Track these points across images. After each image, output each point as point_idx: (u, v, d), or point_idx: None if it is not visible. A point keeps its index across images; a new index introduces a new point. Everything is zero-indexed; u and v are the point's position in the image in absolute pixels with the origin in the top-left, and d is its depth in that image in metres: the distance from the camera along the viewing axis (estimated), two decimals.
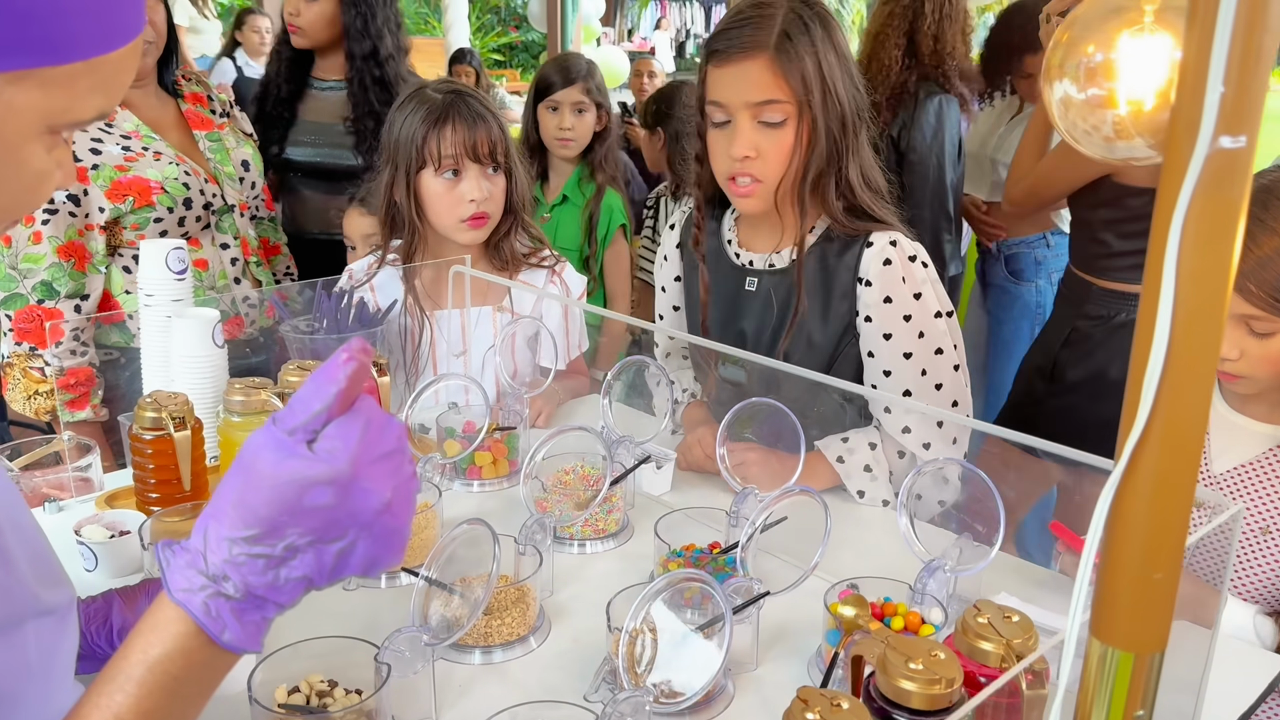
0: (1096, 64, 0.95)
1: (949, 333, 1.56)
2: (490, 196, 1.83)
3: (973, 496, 1.21)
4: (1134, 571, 0.67)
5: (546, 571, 1.23)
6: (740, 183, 1.52)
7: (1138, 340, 0.64)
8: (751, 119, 1.49)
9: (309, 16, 2.49)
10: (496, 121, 1.82)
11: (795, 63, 1.46)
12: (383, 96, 2.47)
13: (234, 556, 0.69)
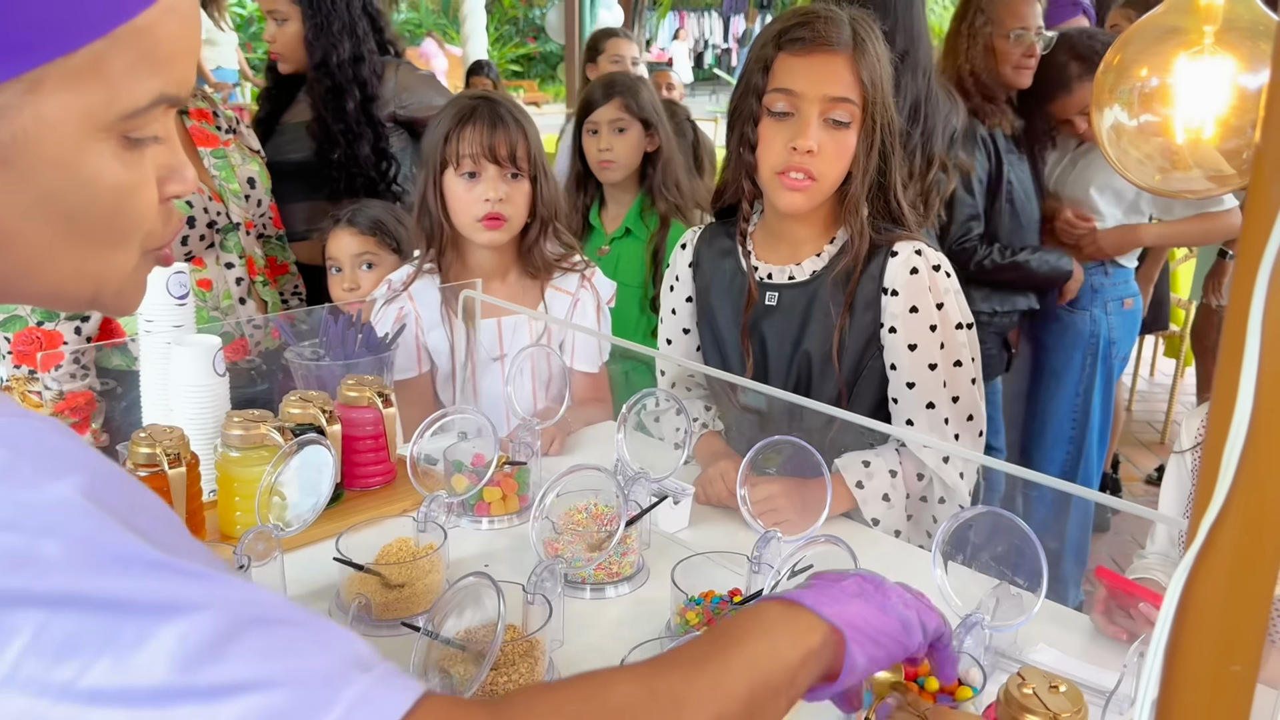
0: (1151, 89, 0.88)
1: (969, 345, 1.53)
2: (508, 199, 1.81)
3: (1011, 545, 1.14)
4: (1210, 662, 0.60)
5: (557, 621, 1.16)
6: (794, 176, 1.48)
7: (1215, 405, 0.57)
8: (820, 114, 1.46)
9: (284, 40, 2.48)
10: (520, 127, 1.81)
11: (869, 67, 1.46)
12: (334, 105, 2.41)
13: None
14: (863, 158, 1.49)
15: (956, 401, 1.52)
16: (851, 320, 1.54)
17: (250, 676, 0.52)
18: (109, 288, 0.65)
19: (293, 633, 0.55)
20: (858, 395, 1.57)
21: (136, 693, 0.50)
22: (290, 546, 1.31)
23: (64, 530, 0.52)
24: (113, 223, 0.61)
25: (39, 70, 0.54)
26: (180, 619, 0.52)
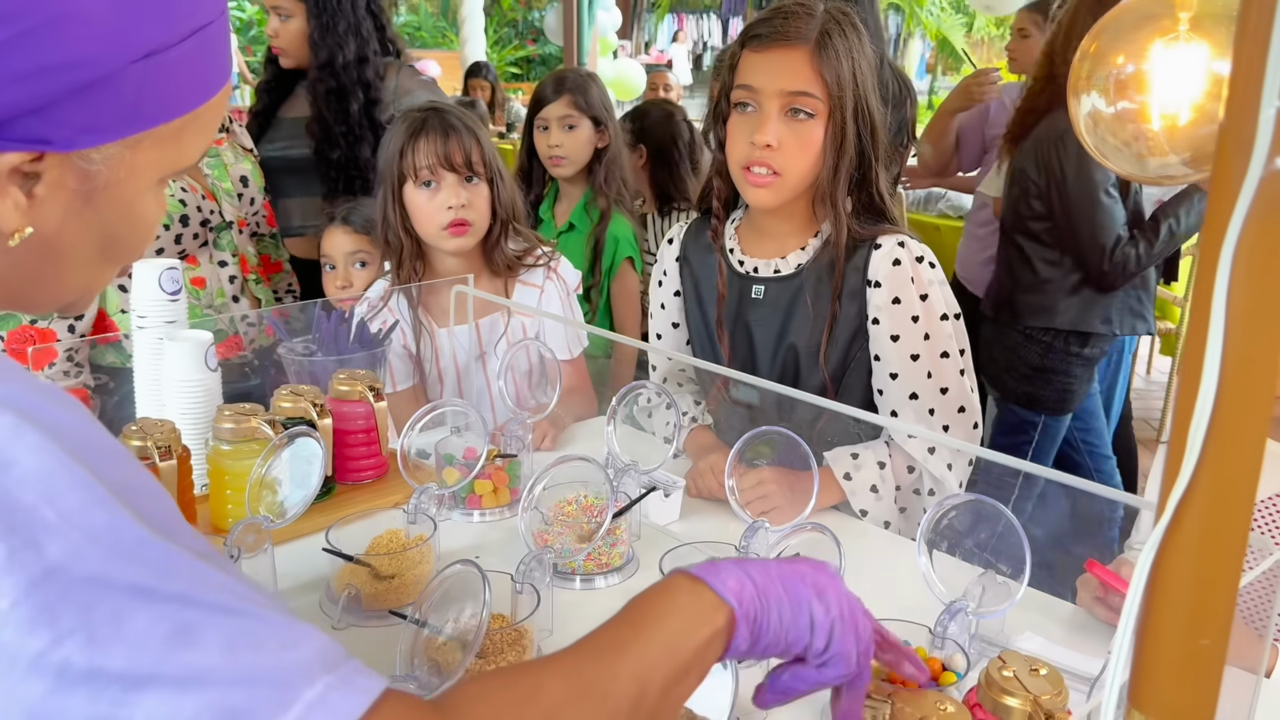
0: (1127, 75, 0.89)
1: (955, 336, 1.53)
2: (469, 204, 1.84)
3: (995, 532, 1.14)
4: (1179, 637, 0.60)
5: (545, 610, 1.17)
6: (756, 172, 1.49)
7: (1183, 383, 0.58)
8: (780, 109, 1.47)
9: (286, 36, 2.49)
10: (472, 133, 1.85)
11: (833, 61, 1.45)
12: (337, 107, 2.43)
13: None
14: (830, 151, 1.48)
15: (945, 393, 1.52)
16: (837, 313, 1.54)
17: (215, 669, 0.54)
18: (86, 296, 0.75)
19: (259, 628, 0.57)
20: (845, 388, 1.57)
21: (105, 673, 0.51)
22: (281, 539, 1.32)
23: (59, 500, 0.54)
24: (134, 250, 0.73)
25: (146, 132, 0.66)
26: (156, 605, 0.53)
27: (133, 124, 0.65)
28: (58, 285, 0.70)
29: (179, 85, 0.67)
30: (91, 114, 0.63)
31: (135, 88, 0.64)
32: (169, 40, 0.65)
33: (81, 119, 0.63)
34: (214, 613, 0.55)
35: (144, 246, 0.74)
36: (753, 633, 0.76)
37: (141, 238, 0.72)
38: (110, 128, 0.64)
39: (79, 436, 0.58)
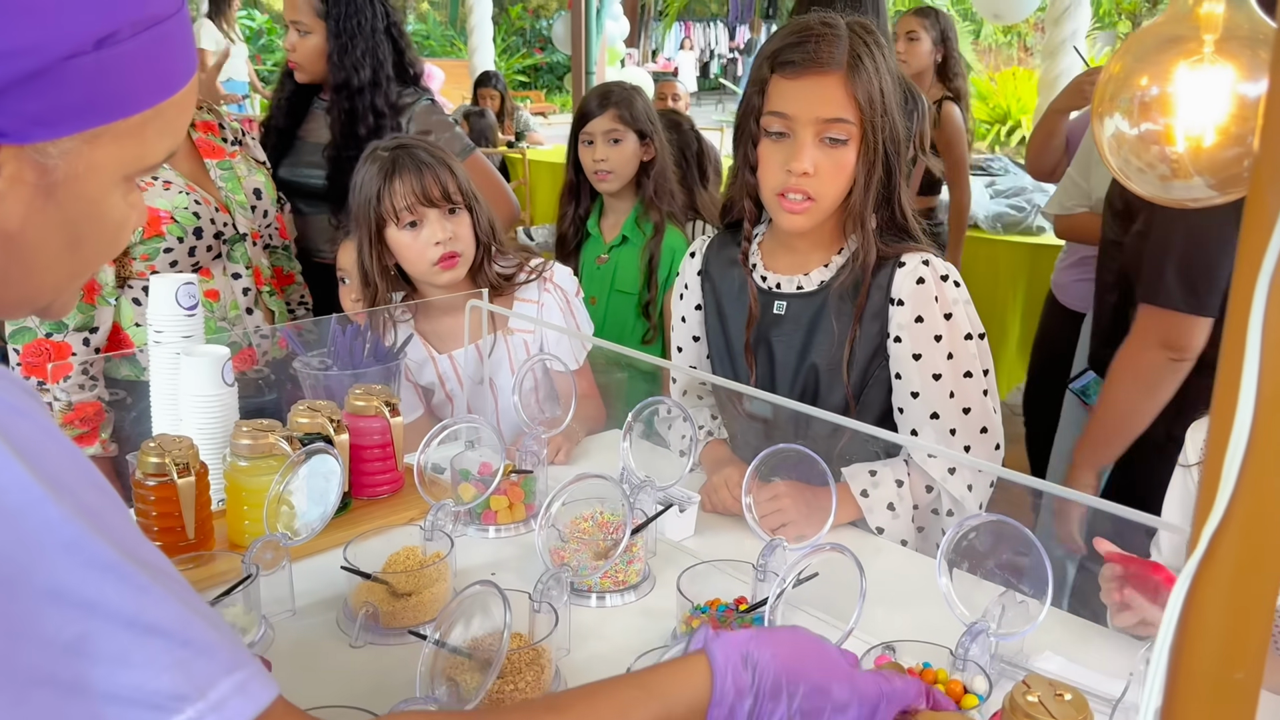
0: (1151, 98, 0.88)
1: (979, 356, 1.53)
2: (455, 236, 1.85)
3: (1017, 551, 1.14)
4: (1212, 670, 0.60)
5: (563, 629, 1.17)
6: (792, 199, 1.49)
7: (1216, 413, 0.57)
8: (815, 135, 1.46)
9: (304, 51, 2.49)
10: (444, 164, 1.84)
11: (864, 84, 1.45)
12: (349, 129, 2.43)
13: None
14: (862, 173, 1.48)
15: (968, 413, 1.51)
16: (859, 331, 1.54)
17: (100, 684, 0.57)
18: (63, 298, 0.75)
19: (154, 647, 0.59)
20: (864, 406, 1.57)
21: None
22: (298, 555, 1.32)
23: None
24: (105, 249, 0.73)
25: (103, 127, 0.66)
26: (69, 609, 0.57)
27: (88, 118, 0.65)
28: (26, 285, 0.70)
29: (136, 80, 0.67)
30: (43, 105, 0.63)
31: (88, 80, 0.64)
32: (119, 31, 0.65)
33: (33, 110, 0.63)
34: (118, 623, 0.58)
35: (116, 248, 0.74)
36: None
37: (112, 238, 0.72)
38: (64, 121, 0.64)
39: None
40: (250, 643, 1.18)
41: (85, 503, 0.60)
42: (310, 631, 1.25)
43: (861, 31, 1.49)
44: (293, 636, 1.23)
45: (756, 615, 1.18)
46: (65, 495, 0.58)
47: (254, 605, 1.19)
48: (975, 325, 1.54)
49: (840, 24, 1.49)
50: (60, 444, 0.62)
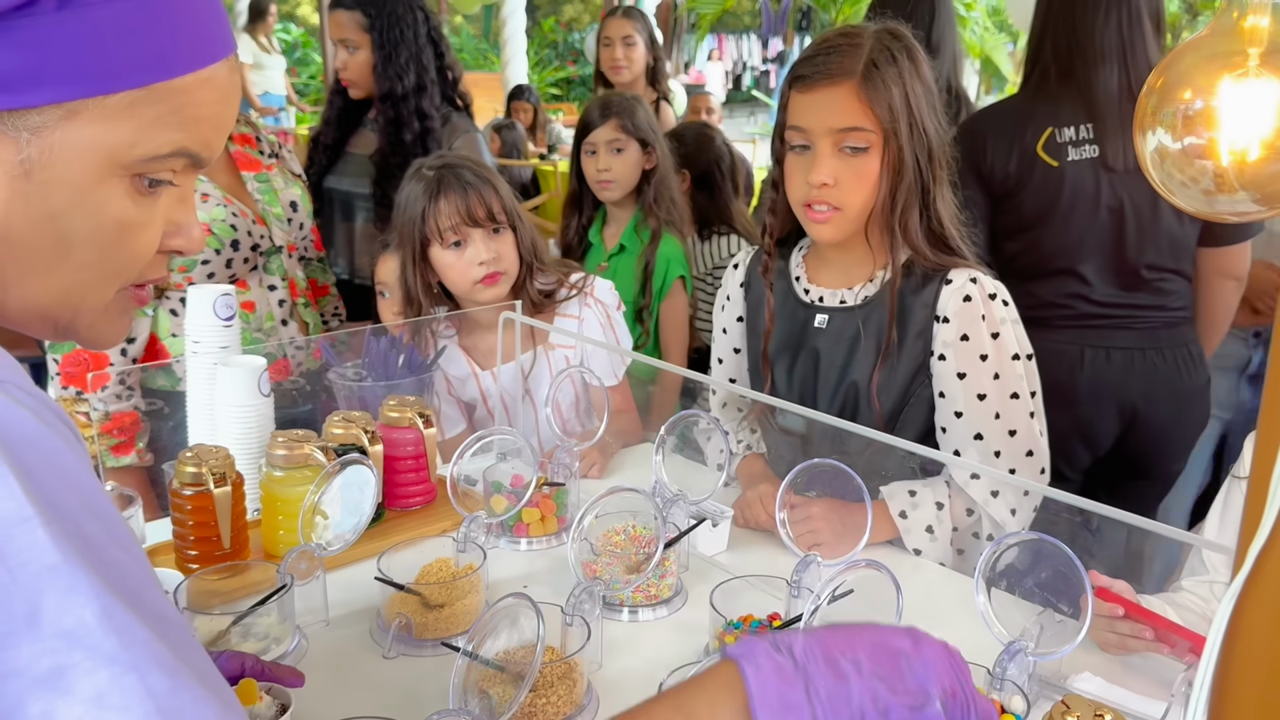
0: (1195, 112, 0.87)
1: (1026, 377, 1.50)
2: (499, 255, 1.86)
3: (1056, 571, 1.12)
4: (1257, 691, 0.59)
5: (595, 643, 1.16)
6: (817, 209, 1.49)
7: (1263, 428, 0.57)
8: (833, 146, 1.46)
9: (354, 68, 2.56)
10: (489, 184, 1.85)
11: (882, 92, 1.44)
12: (396, 136, 2.48)
13: None
14: (887, 182, 1.47)
15: (1013, 435, 1.49)
16: (901, 347, 1.52)
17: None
18: (85, 318, 0.69)
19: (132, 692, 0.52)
20: (904, 424, 1.55)
21: None
22: (332, 565, 1.32)
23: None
24: (109, 253, 0.66)
25: (79, 102, 0.61)
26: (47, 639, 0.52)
27: (55, 87, 0.60)
28: (24, 288, 0.65)
29: (115, 52, 0.61)
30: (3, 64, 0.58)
31: (52, 43, 0.59)
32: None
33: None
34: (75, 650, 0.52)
35: (130, 257, 0.68)
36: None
37: (115, 239, 0.66)
38: (25, 86, 0.59)
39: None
40: (284, 653, 1.19)
41: (85, 533, 0.55)
42: (344, 642, 1.25)
43: (887, 39, 1.48)
44: (326, 647, 1.24)
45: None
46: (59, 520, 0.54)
47: (288, 615, 1.20)
48: (1023, 345, 1.51)
49: (864, 34, 1.48)
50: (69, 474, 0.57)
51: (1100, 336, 2.08)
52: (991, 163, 2.09)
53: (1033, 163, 2.05)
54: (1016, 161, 2.07)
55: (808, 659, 0.66)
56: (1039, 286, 2.09)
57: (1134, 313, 2.09)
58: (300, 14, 14.18)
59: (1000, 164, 2.08)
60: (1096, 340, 2.09)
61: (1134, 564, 2.11)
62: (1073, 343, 2.09)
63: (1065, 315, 2.10)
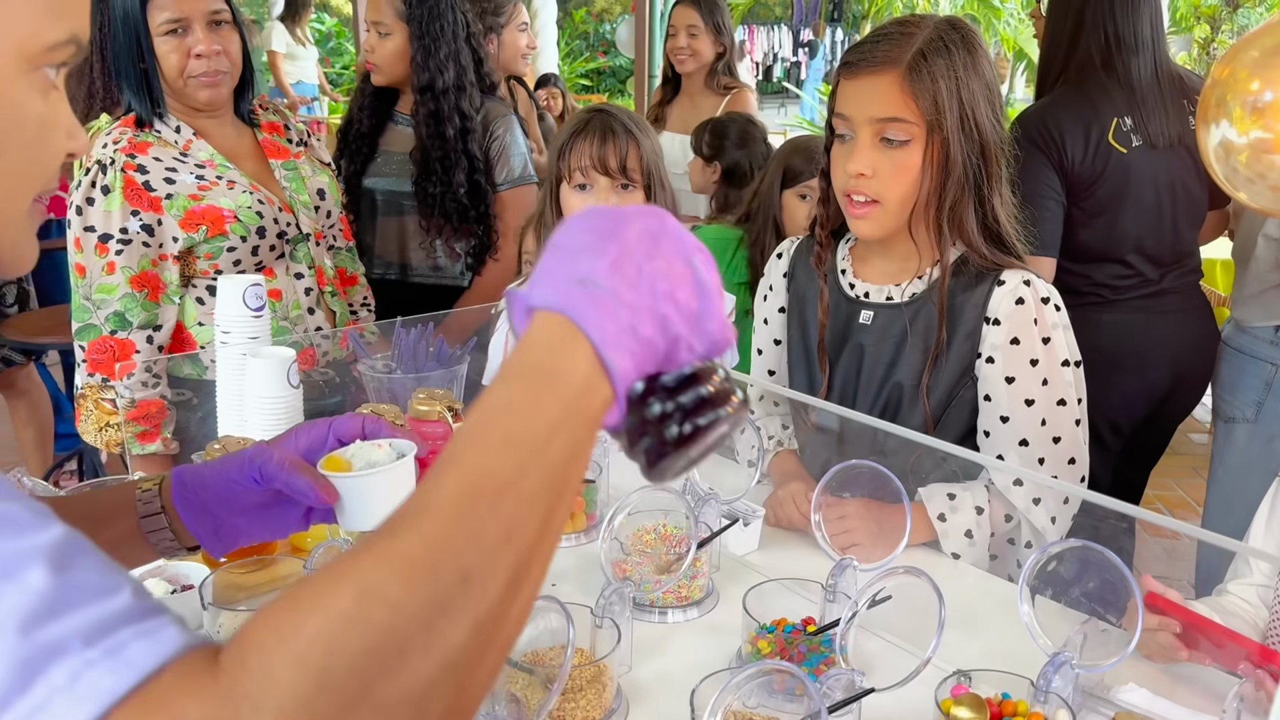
0: (1265, 103, 0.83)
1: (1074, 384, 1.47)
2: None
3: (1102, 579, 1.08)
4: None
5: (625, 646, 1.14)
6: (856, 200, 1.46)
7: None
8: (873, 136, 1.43)
9: (383, 53, 2.51)
10: (633, 138, 1.80)
11: (927, 83, 1.40)
12: (436, 131, 2.44)
13: None
14: (928, 177, 1.43)
15: (1057, 442, 1.45)
16: (949, 348, 1.48)
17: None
18: (9, 232, 0.66)
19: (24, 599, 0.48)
20: (945, 425, 1.51)
21: None
22: None
23: None
24: (34, 154, 0.64)
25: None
26: None
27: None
28: None
29: None
30: None
31: None
32: None
33: None
34: None
35: (46, 150, 0.65)
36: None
37: (38, 135, 0.64)
38: None
39: None
40: None
41: None
42: None
43: (945, 29, 1.43)
44: None
45: (825, 637, 1.14)
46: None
47: None
48: (1073, 352, 1.47)
49: (922, 23, 1.44)
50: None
51: (1157, 304, 2.26)
52: (1071, 155, 2.17)
53: (1107, 152, 2.16)
54: (1093, 152, 2.17)
55: (613, 281, 0.60)
56: (1107, 268, 2.24)
57: (1180, 278, 2.28)
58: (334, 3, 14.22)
59: (1078, 156, 2.17)
60: (1155, 308, 2.26)
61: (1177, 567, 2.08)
62: (1135, 312, 2.26)
63: (1128, 291, 2.26)
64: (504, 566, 0.53)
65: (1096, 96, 2.18)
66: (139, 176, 1.87)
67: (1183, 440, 4.26)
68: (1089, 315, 2.17)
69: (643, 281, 0.61)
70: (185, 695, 0.47)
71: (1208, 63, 8.23)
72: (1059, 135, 2.17)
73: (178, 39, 1.87)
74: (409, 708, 0.50)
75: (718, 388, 0.64)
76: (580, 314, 0.59)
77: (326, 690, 0.48)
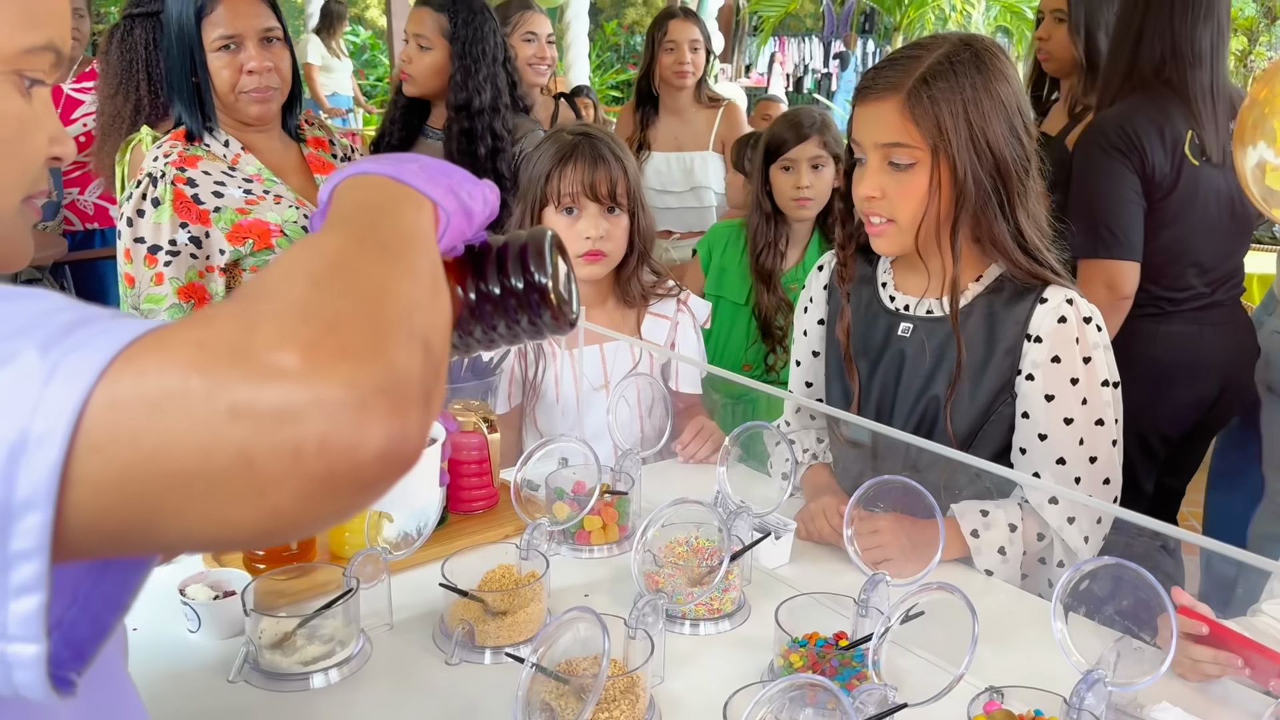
0: None
1: (1113, 405, 1.47)
2: (607, 235, 1.85)
3: (1135, 596, 1.08)
4: None
5: (658, 657, 1.15)
6: (873, 221, 1.49)
7: None
8: (881, 160, 1.45)
9: (420, 66, 2.55)
10: (620, 164, 1.85)
11: (928, 108, 1.40)
12: (468, 148, 2.48)
13: None
14: (937, 197, 1.43)
15: (1094, 462, 1.45)
16: (988, 363, 1.49)
17: None
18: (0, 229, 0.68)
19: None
20: (981, 441, 1.51)
21: None
22: (396, 568, 1.33)
23: None
24: (14, 150, 0.66)
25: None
26: None
27: None
28: None
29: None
30: None
31: None
32: None
33: None
34: None
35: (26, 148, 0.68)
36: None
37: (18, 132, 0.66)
38: None
39: None
40: (349, 656, 1.19)
41: None
42: (407, 646, 1.25)
43: (958, 49, 1.43)
44: (389, 651, 1.24)
45: (857, 652, 1.14)
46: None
47: (353, 618, 1.20)
48: (1112, 373, 1.48)
49: (933, 45, 1.44)
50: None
51: (1208, 316, 2.31)
52: (1152, 161, 2.19)
53: (1181, 162, 2.19)
54: (1171, 163, 2.20)
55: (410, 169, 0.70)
56: (1167, 280, 2.28)
57: (1228, 291, 2.34)
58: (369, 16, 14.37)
59: (1159, 162, 2.20)
60: (1206, 320, 2.31)
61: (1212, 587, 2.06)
62: (1190, 324, 2.30)
63: (1184, 303, 2.31)
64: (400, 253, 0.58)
65: (1167, 107, 2.21)
66: (188, 189, 1.92)
67: None
68: (1147, 326, 2.27)
69: (435, 176, 0.70)
70: (198, 321, 0.48)
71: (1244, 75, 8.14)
72: (1139, 140, 2.18)
73: (230, 55, 1.91)
74: (387, 298, 0.52)
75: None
76: (395, 174, 0.68)
77: (320, 287, 0.50)
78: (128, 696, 0.74)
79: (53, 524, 0.44)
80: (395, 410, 0.47)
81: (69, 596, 0.52)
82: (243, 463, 0.44)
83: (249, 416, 0.44)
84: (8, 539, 0.44)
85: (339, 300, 0.49)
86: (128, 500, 0.45)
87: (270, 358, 0.45)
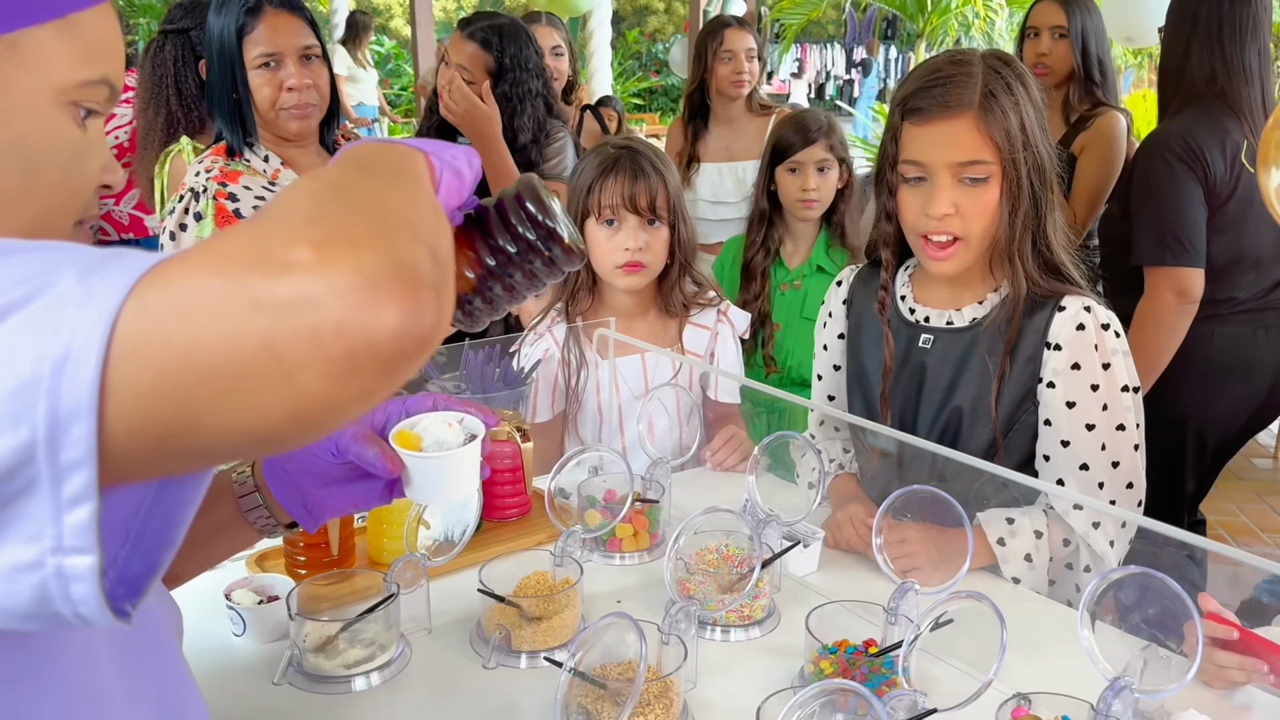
0: None
1: (1134, 409, 1.49)
2: (647, 247, 1.88)
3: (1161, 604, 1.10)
4: None
5: (691, 663, 1.17)
6: (936, 240, 1.48)
7: None
8: (952, 178, 1.45)
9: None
10: (660, 176, 1.89)
11: (1000, 121, 1.43)
12: None
13: None
14: (1007, 210, 1.46)
15: (1116, 467, 1.47)
16: (1010, 373, 1.50)
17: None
18: None
19: None
20: (1006, 450, 1.53)
21: None
22: (434, 574, 1.36)
23: None
24: (69, 175, 0.70)
25: (18, 33, 0.65)
26: None
27: (14, 16, 0.64)
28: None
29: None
30: None
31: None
32: None
33: None
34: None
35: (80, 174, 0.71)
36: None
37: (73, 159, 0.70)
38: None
39: None
40: (389, 659, 1.22)
41: None
42: (444, 651, 1.29)
43: (997, 64, 1.46)
44: (428, 655, 1.27)
45: (887, 659, 1.17)
46: None
47: (394, 623, 1.23)
48: (1133, 378, 1.49)
49: (973, 60, 1.47)
50: None
51: (1261, 319, 2.41)
52: (1214, 170, 2.29)
53: (1240, 169, 2.28)
54: (1229, 168, 2.29)
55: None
56: (1226, 282, 2.36)
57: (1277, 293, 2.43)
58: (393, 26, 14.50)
59: (1219, 171, 2.29)
60: (1260, 322, 2.41)
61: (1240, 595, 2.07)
62: (1245, 325, 2.40)
63: (1241, 304, 2.40)
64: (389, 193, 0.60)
65: (1223, 119, 2.30)
66: (229, 204, 1.96)
67: (1246, 465, 4.20)
68: (1204, 328, 2.36)
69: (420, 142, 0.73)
70: (215, 239, 0.52)
71: None
72: (1201, 150, 2.27)
73: (270, 72, 1.95)
74: (389, 206, 0.56)
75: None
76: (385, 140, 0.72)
77: (324, 202, 0.54)
78: (185, 691, 0.77)
79: (97, 431, 0.47)
80: (406, 291, 0.50)
81: (121, 535, 0.56)
82: (267, 350, 0.47)
83: (269, 307, 0.47)
84: (58, 451, 0.47)
85: (343, 210, 0.53)
86: (165, 401, 0.48)
87: (284, 255, 0.48)
